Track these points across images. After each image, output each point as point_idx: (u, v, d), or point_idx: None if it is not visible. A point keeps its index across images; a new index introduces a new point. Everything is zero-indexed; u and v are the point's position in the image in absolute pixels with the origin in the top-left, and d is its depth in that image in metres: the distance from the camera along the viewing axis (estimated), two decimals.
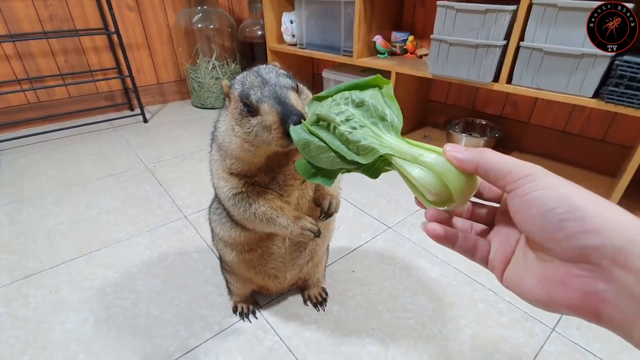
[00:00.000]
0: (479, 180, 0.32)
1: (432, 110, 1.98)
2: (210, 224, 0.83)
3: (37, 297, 0.98)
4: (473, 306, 0.95)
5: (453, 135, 1.65)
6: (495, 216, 0.35)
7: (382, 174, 0.36)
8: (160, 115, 2.31)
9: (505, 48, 1.27)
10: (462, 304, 0.96)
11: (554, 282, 0.26)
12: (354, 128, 0.35)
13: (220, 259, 0.92)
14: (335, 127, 0.36)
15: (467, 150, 0.30)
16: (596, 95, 1.17)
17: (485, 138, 1.62)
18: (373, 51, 1.81)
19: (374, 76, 0.38)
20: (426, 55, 1.72)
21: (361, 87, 0.38)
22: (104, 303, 0.96)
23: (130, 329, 0.89)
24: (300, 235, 0.65)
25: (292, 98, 0.51)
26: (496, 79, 1.34)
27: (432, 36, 1.40)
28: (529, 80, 1.26)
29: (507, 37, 1.25)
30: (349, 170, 0.37)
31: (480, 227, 0.36)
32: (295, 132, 0.40)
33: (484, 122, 1.73)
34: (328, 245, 0.95)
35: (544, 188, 0.25)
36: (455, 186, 0.31)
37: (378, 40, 1.74)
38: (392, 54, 1.83)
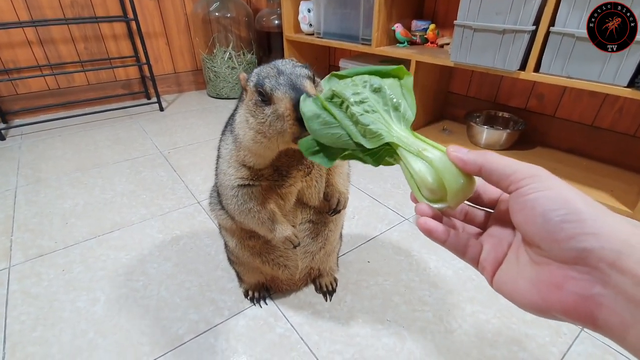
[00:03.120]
0: (476, 185, 0.32)
1: (452, 102, 1.92)
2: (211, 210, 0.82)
3: (49, 276, 0.98)
4: (495, 302, 0.90)
5: (474, 127, 1.59)
6: (488, 221, 0.36)
7: (385, 166, 0.36)
8: (176, 104, 2.31)
9: (534, 34, 1.21)
10: (483, 299, 0.91)
11: (550, 285, 0.26)
12: (366, 111, 0.35)
13: (227, 251, 0.90)
14: (347, 107, 0.36)
15: (470, 152, 0.31)
16: (631, 84, 1.09)
17: (508, 131, 1.55)
18: (392, 40, 1.75)
19: (397, 66, 0.38)
20: (447, 44, 1.65)
21: (382, 74, 0.38)
22: (115, 284, 0.96)
23: (140, 310, 0.88)
24: (282, 244, 0.68)
25: (308, 86, 0.49)
26: (523, 67, 1.28)
27: (455, 22, 1.34)
28: (558, 68, 1.19)
29: (537, 22, 1.19)
30: (351, 155, 0.37)
31: (473, 229, 0.36)
32: (306, 103, 0.39)
33: (507, 115, 1.66)
34: (341, 233, 0.92)
35: (547, 189, 0.26)
36: (451, 186, 0.31)
37: (398, 28, 1.68)
38: (412, 43, 1.77)
